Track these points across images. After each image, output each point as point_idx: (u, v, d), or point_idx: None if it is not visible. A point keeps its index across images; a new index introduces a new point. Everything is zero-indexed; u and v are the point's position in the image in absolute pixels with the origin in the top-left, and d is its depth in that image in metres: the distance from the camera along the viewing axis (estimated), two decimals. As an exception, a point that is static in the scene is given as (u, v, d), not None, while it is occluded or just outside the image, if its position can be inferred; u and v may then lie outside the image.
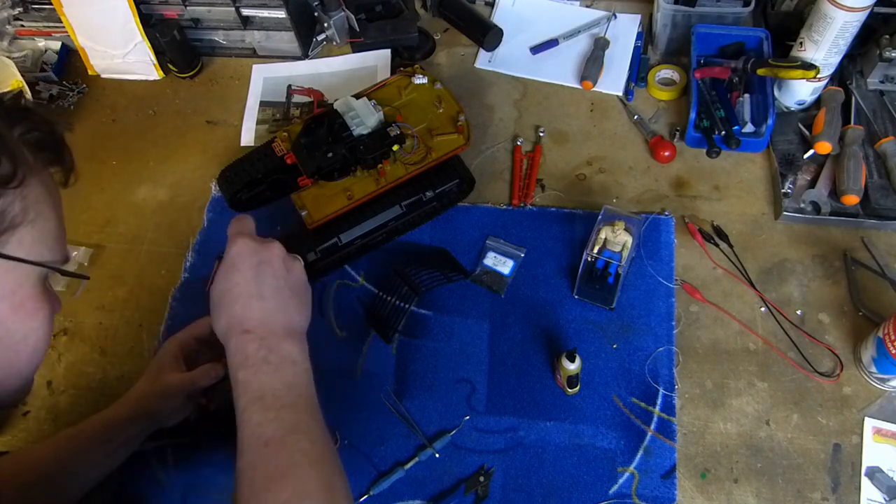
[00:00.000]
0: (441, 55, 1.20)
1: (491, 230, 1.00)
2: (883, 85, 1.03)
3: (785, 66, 0.97)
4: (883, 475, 0.79)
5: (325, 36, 1.19)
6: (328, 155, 0.89)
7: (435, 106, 0.97)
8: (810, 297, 0.91)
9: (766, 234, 0.96)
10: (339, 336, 0.94)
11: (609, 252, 0.89)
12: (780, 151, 1.00)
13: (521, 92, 1.14)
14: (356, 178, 0.93)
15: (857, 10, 0.87)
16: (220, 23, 1.19)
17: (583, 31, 1.18)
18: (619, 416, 0.85)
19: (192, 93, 1.20)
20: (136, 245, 1.05)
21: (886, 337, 0.78)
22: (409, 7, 1.16)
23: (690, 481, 0.81)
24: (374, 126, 0.92)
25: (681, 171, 1.03)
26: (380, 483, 0.83)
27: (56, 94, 1.21)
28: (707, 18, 1.07)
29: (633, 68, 1.13)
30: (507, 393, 0.88)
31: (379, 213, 0.94)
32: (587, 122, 1.10)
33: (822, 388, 0.85)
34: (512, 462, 0.84)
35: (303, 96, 1.17)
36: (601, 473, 0.82)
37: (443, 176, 0.96)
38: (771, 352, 0.88)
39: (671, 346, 0.89)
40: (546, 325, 0.92)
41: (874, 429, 0.82)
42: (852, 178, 0.92)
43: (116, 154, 1.14)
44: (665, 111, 1.09)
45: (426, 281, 0.93)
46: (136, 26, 1.14)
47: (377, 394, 0.89)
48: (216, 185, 1.06)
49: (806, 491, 0.80)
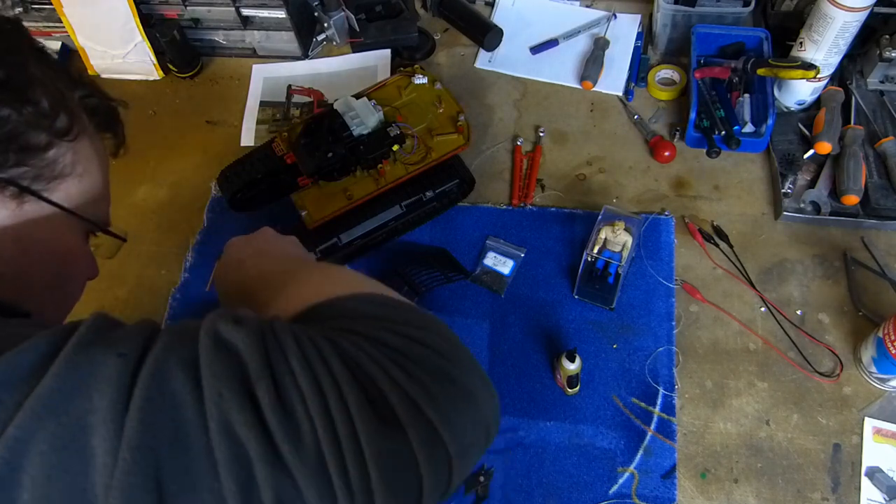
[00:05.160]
0: (441, 55, 1.20)
1: (491, 230, 1.00)
2: (883, 85, 1.03)
3: (785, 66, 0.97)
4: (883, 475, 0.79)
5: (325, 36, 1.19)
6: (328, 155, 0.89)
7: (435, 106, 0.97)
8: (810, 297, 0.91)
9: (766, 234, 0.96)
10: (339, 336, 0.94)
11: (609, 252, 0.89)
12: (780, 151, 1.00)
13: (521, 92, 1.14)
14: (356, 178, 0.93)
15: (857, 10, 0.87)
16: (220, 23, 1.19)
17: (583, 31, 1.18)
18: (619, 416, 0.85)
19: (192, 93, 1.20)
20: (136, 245, 1.04)
21: (886, 337, 0.78)
22: (409, 7, 1.16)
23: (690, 481, 0.81)
24: (374, 126, 0.92)
25: (681, 171, 1.03)
26: (380, 483, 0.83)
27: (56, 94, 1.20)
28: (707, 18, 1.07)
29: (633, 68, 1.13)
30: (507, 393, 0.88)
31: (379, 213, 0.94)
32: (587, 122, 1.10)
33: (822, 388, 0.85)
34: (512, 462, 0.84)
35: (303, 96, 1.17)
36: (601, 473, 0.82)
37: (443, 176, 0.96)
38: (771, 352, 0.88)
39: (671, 346, 0.89)
40: (546, 325, 0.92)
41: (874, 429, 0.82)
42: (852, 178, 0.93)
43: None
44: (665, 111, 1.09)
45: (426, 281, 0.93)
46: (136, 26, 1.14)
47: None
48: (216, 185, 1.06)
49: (806, 491, 0.80)
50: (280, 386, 0.35)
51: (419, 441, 0.37)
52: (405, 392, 0.38)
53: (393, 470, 0.36)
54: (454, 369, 0.41)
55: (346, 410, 0.36)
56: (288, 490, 0.34)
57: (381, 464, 0.35)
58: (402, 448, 0.36)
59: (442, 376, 0.40)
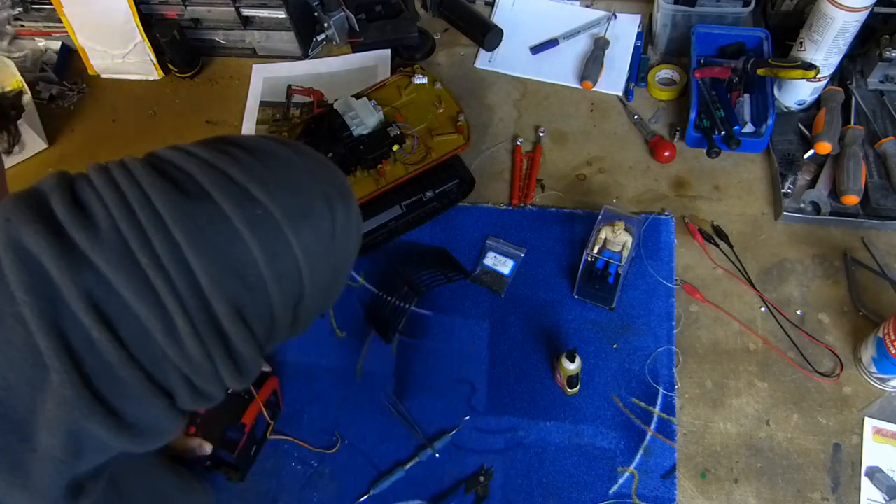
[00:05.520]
0: (441, 55, 1.20)
1: (491, 230, 1.00)
2: (883, 85, 1.03)
3: (785, 66, 0.97)
4: (883, 475, 0.79)
5: (325, 36, 1.19)
6: (328, 155, 0.89)
7: (435, 106, 0.97)
8: (810, 297, 0.91)
9: (766, 234, 0.96)
10: (338, 336, 0.94)
11: (609, 252, 0.89)
12: (780, 151, 1.00)
13: (521, 92, 1.14)
14: (356, 178, 0.93)
15: (857, 10, 0.87)
16: (220, 23, 1.19)
17: (583, 31, 1.18)
18: (619, 416, 0.85)
19: (192, 93, 1.20)
20: (136, 245, 1.04)
21: (886, 337, 0.78)
22: (409, 7, 1.16)
23: (690, 481, 0.81)
24: (374, 126, 0.92)
25: (681, 171, 1.03)
26: (380, 483, 0.83)
27: (56, 94, 1.21)
28: (707, 18, 1.07)
29: (633, 68, 1.13)
30: (507, 393, 0.88)
31: (379, 213, 0.94)
32: (587, 122, 1.10)
33: (822, 388, 0.85)
34: (512, 462, 0.84)
35: (303, 96, 1.17)
36: (601, 473, 0.82)
37: (443, 176, 0.96)
38: (771, 352, 0.88)
39: (671, 346, 0.89)
40: (546, 325, 0.92)
41: (874, 429, 0.82)
42: (852, 178, 0.92)
43: (116, 154, 1.11)
44: (665, 111, 1.09)
45: (426, 281, 0.93)
46: (136, 26, 1.14)
47: (377, 394, 0.89)
48: (216, 185, 1.06)
49: (806, 491, 0.80)
50: (77, 193, 0.35)
51: (230, 204, 0.35)
52: (211, 164, 0.36)
53: (205, 234, 0.34)
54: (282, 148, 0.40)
55: (141, 189, 0.34)
56: (94, 282, 0.32)
57: (189, 230, 0.34)
58: (213, 212, 0.35)
59: (262, 152, 0.39)
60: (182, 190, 0.35)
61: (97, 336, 0.32)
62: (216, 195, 0.35)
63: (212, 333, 0.35)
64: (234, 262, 0.35)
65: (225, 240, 0.35)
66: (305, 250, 0.37)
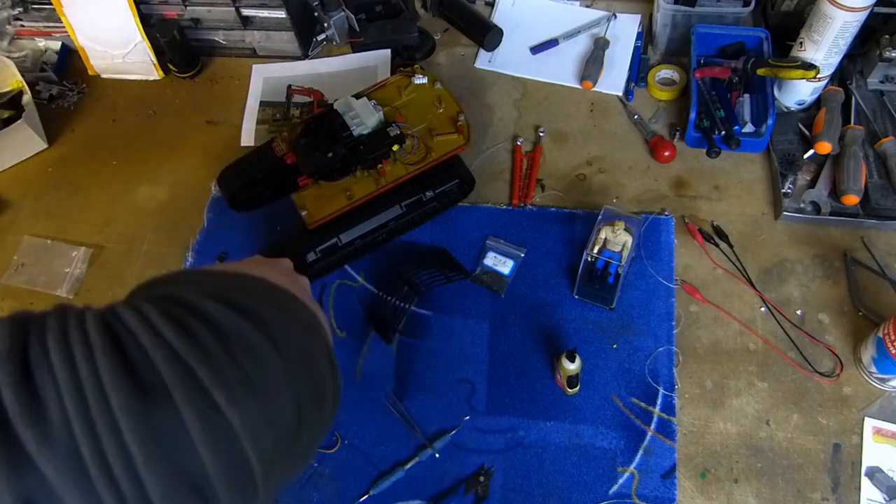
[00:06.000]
0: (441, 55, 1.20)
1: (491, 230, 1.00)
2: (883, 85, 1.03)
3: (785, 66, 0.97)
4: (883, 475, 0.79)
5: (325, 36, 1.19)
6: (328, 155, 0.89)
7: (435, 106, 0.97)
8: (810, 297, 0.91)
9: (766, 234, 0.96)
10: (338, 336, 0.94)
11: (609, 252, 0.89)
12: (780, 151, 1.00)
13: (521, 92, 1.14)
14: (356, 178, 0.93)
15: (857, 10, 0.87)
16: (220, 23, 1.19)
17: (583, 31, 1.18)
18: (619, 416, 0.85)
19: (192, 93, 1.20)
20: (136, 245, 1.05)
21: (886, 337, 0.78)
22: (409, 7, 1.16)
23: (690, 481, 0.81)
24: (374, 126, 0.92)
25: (681, 171, 1.03)
26: (380, 483, 0.83)
27: (56, 94, 1.21)
28: (707, 18, 1.07)
29: (633, 68, 1.13)
30: (507, 393, 0.88)
31: (379, 213, 0.94)
32: (587, 122, 1.09)
33: (822, 388, 0.85)
34: (512, 462, 0.84)
35: (303, 96, 1.17)
36: (601, 473, 0.82)
37: (443, 176, 0.96)
38: (771, 352, 0.88)
39: (671, 346, 0.89)
40: (546, 325, 0.92)
41: (874, 429, 0.82)
42: (852, 178, 0.92)
43: (116, 154, 1.14)
44: (665, 111, 1.09)
45: (426, 281, 0.93)
46: (136, 26, 1.14)
47: (377, 394, 0.89)
48: (216, 186, 1.06)
49: (806, 491, 0.80)
50: (31, 367, 0.31)
51: (191, 412, 0.32)
52: (177, 357, 0.33)
53: (161, 446, 0.31)
54: (268, 347, 0.36)
55: (98, 379, 0.31)
56: (36, 487, 0.29)
57: (144, 441, 0.30)
58: (171, 422, 0.31)
59: (245, 349, 0.35)
60: (141, 385, 0.32)
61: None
62: (178, 398, 0.32)
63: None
64: (188, 476, 0.32)
65: (181, 453, 0.32)
66: (261, 459, 0.34)
